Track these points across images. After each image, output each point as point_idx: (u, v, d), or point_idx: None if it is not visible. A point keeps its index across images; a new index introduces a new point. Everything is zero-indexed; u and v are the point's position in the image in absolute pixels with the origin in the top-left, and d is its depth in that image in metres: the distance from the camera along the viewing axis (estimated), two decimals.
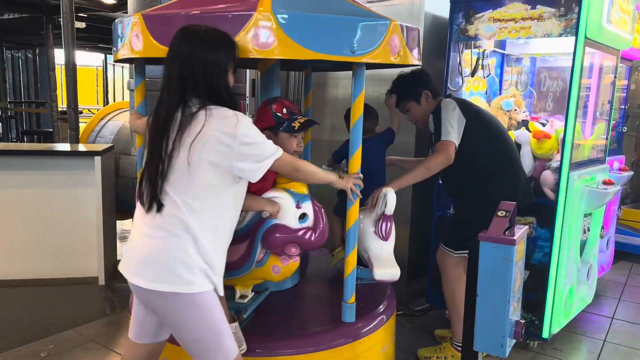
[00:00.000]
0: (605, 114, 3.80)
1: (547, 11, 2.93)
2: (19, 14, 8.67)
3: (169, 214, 1.66)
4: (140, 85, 2.39)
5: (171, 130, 1.66)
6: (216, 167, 1.67)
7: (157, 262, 1.66)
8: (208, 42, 1.70)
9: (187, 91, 1.68)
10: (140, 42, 1.99)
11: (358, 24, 1.94)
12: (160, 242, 1.66)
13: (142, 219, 1.71)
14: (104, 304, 3.71)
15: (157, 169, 1.65)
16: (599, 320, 3.76)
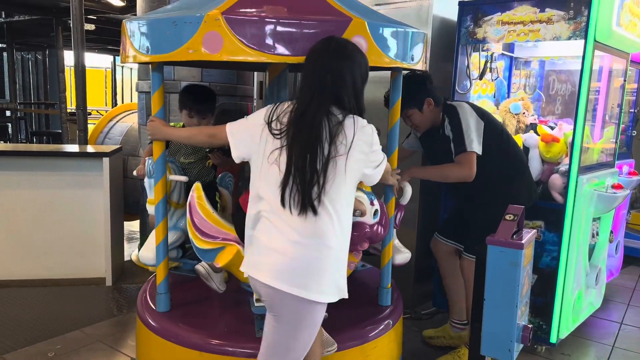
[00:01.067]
0: (614, 118, 3.77)
1: (556, 14, 2.92)
2: (29, 16, 8.75)
3: (322, 221, 1.70)
4: (159, 90, 2.25)
5: (323, 137, 1.68)
6: (354, 175, 1.76)
7: (307, 270, 1.69)
8: (355, 56, 1.77)
9: (334, 100, 1.74)
10: (219, 44, 1.88)
11: (417, 35, 2.25)
12: (311, 251, 1.70)
13: (287, 223, 1.71)
14: (111, 304, 3.72)
15: (312, 175, 1.67)
16: (607, 325, 3.72)
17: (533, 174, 3.22)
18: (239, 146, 1.87)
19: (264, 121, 1.79)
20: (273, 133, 1.76)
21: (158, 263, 2.33)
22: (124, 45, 2.19)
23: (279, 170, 1.72)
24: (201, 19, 1.87)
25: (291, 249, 1.70)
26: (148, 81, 4.11)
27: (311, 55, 1.78)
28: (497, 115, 3.65)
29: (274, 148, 1.75)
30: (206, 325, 2.30)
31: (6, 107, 11.49)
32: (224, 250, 2.25)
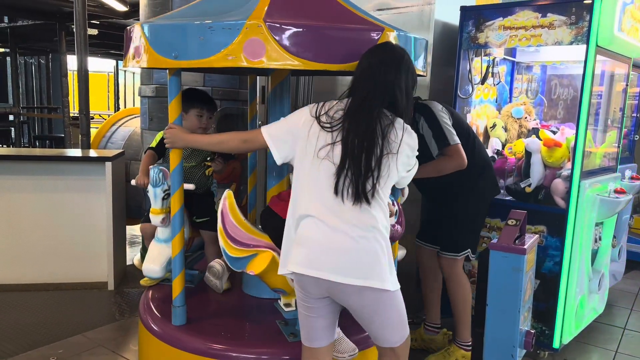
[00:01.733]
0: (616, 122, 3.77)
1: (558, 19, 2.92)
2: (32, 20, 8.78)
3: (375, 212, 1.75)
4: (177, 96, 2.17)
5: (378, 132, 1.73)
6: (397, 175, 1.82)
7: (370, 260, 1.73)
8: (410, 63, 1.85)
9: (389, 102, 1.79)
10: (262, 50, 1.85)
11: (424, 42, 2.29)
12: (371, 242, 1.74)
13: (341, 218, 1.73)
14: (113, 309, 3.72)
15: (368, 168, 1.71)
16: (610, 330, 3.71)
17: (535, 178, 3.22)
18: (281, 147, 1.87)
19: (312, 116, 1.81)
20: (324, 126, 1.77)
21: (175, 275, 2.28)
22: (137, 50, 2.09)
23: (333, 163, 1.74)
24: (242, 25, 1.84)
25: (352, 243, 1.72)
26: (151, 86, 4.12)
27: (369, 58, 1.82)
28: (500, 120, 3.66)
29: (325, 143, 1.76)
30: (208, 331, 2.30)
31: (9, 112, 11.53)
32: (257, 257, 2.19)
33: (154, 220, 2.45)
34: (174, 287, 2.29)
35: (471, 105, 3.55)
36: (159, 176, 2.38)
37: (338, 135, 1.75)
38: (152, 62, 2.02)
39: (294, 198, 1.84)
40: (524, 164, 3.30)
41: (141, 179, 2.53)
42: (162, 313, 2.43)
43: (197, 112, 2.65)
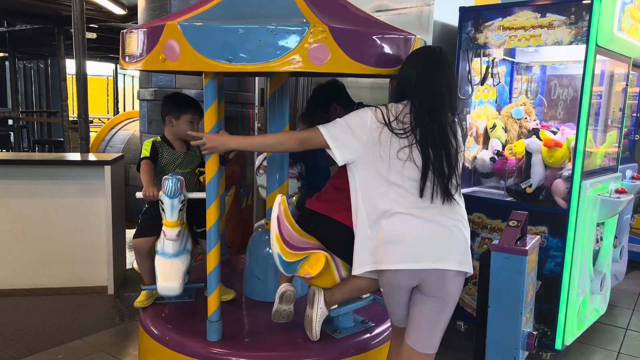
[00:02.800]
0: (617, 122, 3.76)
1: (557, 19, 2.92)
2: (31, 25, 8.79)
3: (458, 205, 1.90)
4: (215, 102, 2.10)
5: (450, 133, 1.88)
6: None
7: (464, 247, 1.87)
8: (451, 62, 1.99)
9: (448, 102, 1.91)
10: (326, 55, 1.87)
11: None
12: (463, 231, 1.88)
13: (428, 210, 1.84)
14: (113, 313, 3.70)
15: (450, 168, 1.85)
16: (613, 331, 3.69)
17: (536, 179, 3.21)
18: (344, 149, 1.89)
19: (379, 122, 1.86)
20: (397, 132, 1.84)
21: (212, 291, 2.20)
22: (172, 50, 1.91)
23: (415, 165, 1.82)
24: (306, 30, 1.83)
25: (448, 232, 1.84)
26: (149, 89, 4.11)
27: (421, 63, 1.93)
28: (500, 121, 3.65)
29: (401, 146, 1.84)
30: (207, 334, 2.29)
31: (8, 116, 11.52)
32: (309, 259, 2.16)
33: (170, 234, 2.33)
34: (210, 302, 2.20)
35: (471, 106, 3.54)
36: (177, 186, 2.28)
37: (412, 139, 1.84)
38: (194, 64, 1.89)
39: (369, 198, 1.88)
40: (524, 165, 3.30)
41: (150, 191, 2.40)
42: (163, 317, 2.41)
43: (189, 118, 2.58)
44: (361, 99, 3.90)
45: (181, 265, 2.42)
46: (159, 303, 2.61)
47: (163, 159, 2.60)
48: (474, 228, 3.33)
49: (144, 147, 2.61)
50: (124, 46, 2.22)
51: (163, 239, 2.43)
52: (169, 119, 2.61)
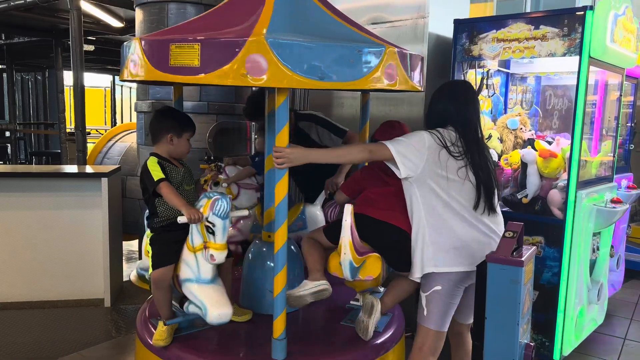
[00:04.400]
0: (611, 131, 3.78)
1: (551, 31, 2.95)
2: (29, 37, 8.82)
3: (499, 215, 2.30)
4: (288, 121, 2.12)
5: (490, 158, 2.30)
6: None
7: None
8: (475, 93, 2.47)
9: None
10: (396, 74, 2.09)
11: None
12: (495, 240, 2.19)
13: (479, 221, 2.21)
14: (110, 326, 3.69)
15: (493, 185, 2.22)
16: (611, 341, 3.69)
17: (532, 189, 3.23)
18: (407, 164, 2.15)
19: (439, 145, 2.17)
20: (454, 155, 2.17)
21: (279, 313, 2.13)
22: (257, 66, 1.88)
23: (471, 183, 2.18)
24: (383, 50, 2.02)
25: (488, 239, 2.22)
26: (147, 101, 4.13)
27: (462, 94, 2.31)
28: (495, 131, 3.67)
29: (459, 167, 2.17)
30: (207, 347, 2.28)
31: (5, 128, 11.52)
32: (367, 263, 2.33)
33: (220, 257, 2.16)
34: (277, 323, 2.14)
35: None
36: (230, 206, 2.17)
37: (467, 161, 2.18)
38: (283, 81, 1.90)
39: (432, 209, 2.18)
40: (520, 175, 3.31)
41: (194, 213, 2.16)
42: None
43: (189, 135, 2.48)
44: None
45: (223, 288, 2.29)
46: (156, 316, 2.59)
47: (171, 178, 2.40)
48: None
49: (152, 169, 2.33)
50: (166, 57, 1.99)
51: (196, 265, 2.24)
52: (170, 136, 2.42)
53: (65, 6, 5.61)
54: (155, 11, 3.97)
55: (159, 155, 2.41)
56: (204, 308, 2.21)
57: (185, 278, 2.28)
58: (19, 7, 6.18)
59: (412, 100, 3.52)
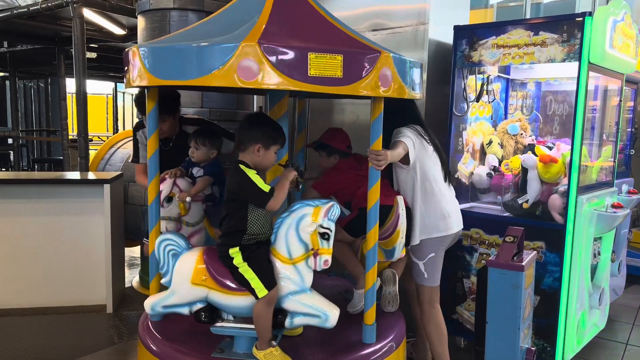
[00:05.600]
0: (612, 136, 3.79)
1: (550, 37, 2.97)
2: (31, 45, 8.87)
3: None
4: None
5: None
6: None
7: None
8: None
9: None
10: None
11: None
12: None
13: (447, 189, 2.84)
14: (112, 332, 3.69)
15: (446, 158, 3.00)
16: (613, 346, 3.68)
17: (532, 194, 3.24)
18: (414, 154, 2.67)
19: (419, 136, 2.76)
20: (427, 141, 2.80)
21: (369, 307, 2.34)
22: (386, 79, 2.07)
23: (440, 161, 2.81)
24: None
25: (457, 205, 2.94)
26: None
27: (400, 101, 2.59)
28: (496, 137, 3.68)
29: (432, 150, 2.80)
30: (209, 351, 2.28)
31: (8, 135, 11.56)
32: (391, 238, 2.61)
33: (329, 262, 2.15)
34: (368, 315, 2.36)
35: (467, 122, 3.58)
36: (338, 210, 2.21)
37: (433, 146, 2.81)
38: (401, 93, 2.18)
39: (428, 187, 2.74)
40: (520, 180, 3.32)
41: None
42: (162, 333, 2.41)
43: (277, 148, 2.35)
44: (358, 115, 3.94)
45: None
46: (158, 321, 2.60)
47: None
48: (471, 244, 3.35)
49: (256, 180, 2.20)
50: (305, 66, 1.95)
51: (298, 275, 2.19)
52: (258, 147, 2.26)
53: (68, 14, 5.65)
54: (157, 18, 4.00)
55: (247, 165, 2.26)
56: (324, 314, 2.18)
57: (288, 292, 2.19)
58: (22, 15, 6.22)
59: None
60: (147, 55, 2.05)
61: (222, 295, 2.19)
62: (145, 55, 2.05)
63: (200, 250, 2.28)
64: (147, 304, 2.36)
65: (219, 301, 2.21)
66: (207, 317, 2.26)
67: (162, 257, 2.31)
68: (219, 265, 2.19)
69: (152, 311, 2.34)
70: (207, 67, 1.92)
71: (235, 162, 2.25)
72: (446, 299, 3.49)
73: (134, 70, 2.15)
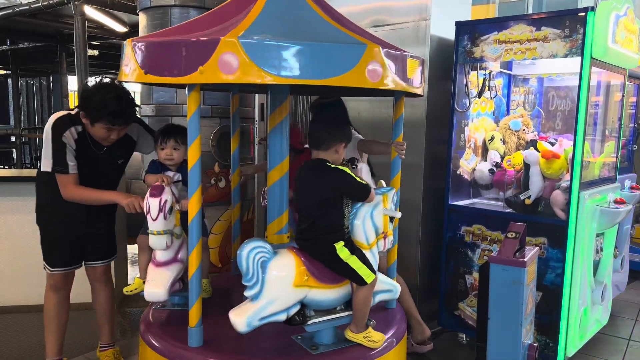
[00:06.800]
0: (614, 132, 3.78)
1: (552, 32, 2.95)
2: (33, 43, 8.89)
3: None
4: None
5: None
6: None
7: None
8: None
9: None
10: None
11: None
12: None
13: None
14: (115, 329, 3.69)
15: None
16: (615, 342, 3.68)
17: (535, 190, 3.23)
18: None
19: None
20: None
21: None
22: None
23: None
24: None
25: None
26: (151, 105, 4.15)
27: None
28: (498, 132, 3.68)
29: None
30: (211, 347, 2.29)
31: (10, 133, 11.60)
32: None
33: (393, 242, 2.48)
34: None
35: (469, 118, 3.57)
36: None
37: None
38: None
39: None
40: (522, 176, 3.32)
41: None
42: (164, 330, 2.42)
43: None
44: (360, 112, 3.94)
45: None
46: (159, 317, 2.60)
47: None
48: (474, 240, 3.35)
49: (356, 177, 2.32)
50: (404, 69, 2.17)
51: (373, 258, 2.32)
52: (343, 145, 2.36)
53: (70, 12, 5.66)
54: (158, 15, 3.99)
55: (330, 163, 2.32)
56: (394, 287, 2.48)
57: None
58: (24, 12, 6.23)
59: (413, 102, 3.52)
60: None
61: (322, 291, 2.19)
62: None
63: (291, 252, 2.20)
64: (239, 321, 2.10)
65: (318, 298, 2.19)
66: (301, 317, 2.21)
67: (251, 268, 2.08)
68: (316, 262, 2.19)
69: (248, 327, 2.10)
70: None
71: (319, 162, 2.27)
72: (448, 295, 3.50)
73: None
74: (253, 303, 2.09)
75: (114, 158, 2.82)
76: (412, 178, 3.21)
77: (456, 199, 3.50)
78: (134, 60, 2.10)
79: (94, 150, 2.68)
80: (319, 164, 2.24)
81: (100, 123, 2.54)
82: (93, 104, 2.50)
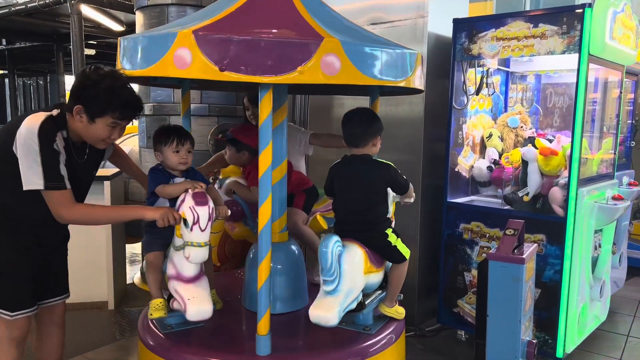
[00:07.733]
0: (612, 128, 3.79)
1: (550, 29, 2.95)
2: (30, 42, 8.87)
3: None
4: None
5: None
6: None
7: None
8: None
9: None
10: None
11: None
12: None
13: None
14: (114, 328, 3.70)
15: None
16: (614, 338, 3.69)
17: (533, 187, 3.24)
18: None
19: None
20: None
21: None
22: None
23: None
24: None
25: None
26: (148, 104, 4.15)
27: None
28: (496, 130, 3.67)
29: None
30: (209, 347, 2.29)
31: None
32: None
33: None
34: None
35: (467, 115, 3.57)
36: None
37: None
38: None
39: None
40: (521, 173, 3.32)
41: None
42: (161, 330, 2.41)
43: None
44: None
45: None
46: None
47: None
48: (472, 237, 3.35)
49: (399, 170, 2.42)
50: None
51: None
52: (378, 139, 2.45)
53: (66, 11, 5.65)
54: (155, 14, 3.99)
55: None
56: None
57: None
58: (20, 12, 6.22)
59: (412, 100, 3.53)
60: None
61: (374, 275, 2.32)
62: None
63: (354, 243, 2.26)
64: (331, 316, 2.11)
65: (370, 282, 2.31)
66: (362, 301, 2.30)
67: (333, 262, 2.09)
68: (368, 249, 2.29)
69: (339, 320, 2.14)
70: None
71: (363, 158, 2.37)
72: (447, 292, 3.50)
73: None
74: (334, 296, 2.13)
75: (91, 168, 2.33)
76: (410, 176, 3.20)
77: (454, 196, 3.50)
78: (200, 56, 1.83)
79: (76, 159, 2.16)
80: (365, 159, 2.36)
81: (105, 117, 2.03)
82: (100, 93, 1.99)
